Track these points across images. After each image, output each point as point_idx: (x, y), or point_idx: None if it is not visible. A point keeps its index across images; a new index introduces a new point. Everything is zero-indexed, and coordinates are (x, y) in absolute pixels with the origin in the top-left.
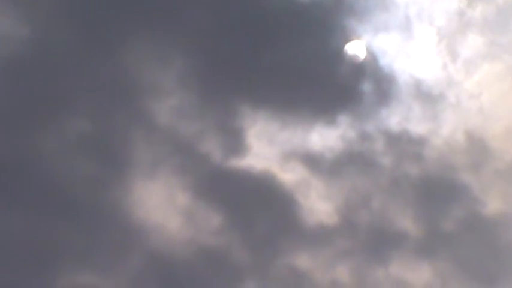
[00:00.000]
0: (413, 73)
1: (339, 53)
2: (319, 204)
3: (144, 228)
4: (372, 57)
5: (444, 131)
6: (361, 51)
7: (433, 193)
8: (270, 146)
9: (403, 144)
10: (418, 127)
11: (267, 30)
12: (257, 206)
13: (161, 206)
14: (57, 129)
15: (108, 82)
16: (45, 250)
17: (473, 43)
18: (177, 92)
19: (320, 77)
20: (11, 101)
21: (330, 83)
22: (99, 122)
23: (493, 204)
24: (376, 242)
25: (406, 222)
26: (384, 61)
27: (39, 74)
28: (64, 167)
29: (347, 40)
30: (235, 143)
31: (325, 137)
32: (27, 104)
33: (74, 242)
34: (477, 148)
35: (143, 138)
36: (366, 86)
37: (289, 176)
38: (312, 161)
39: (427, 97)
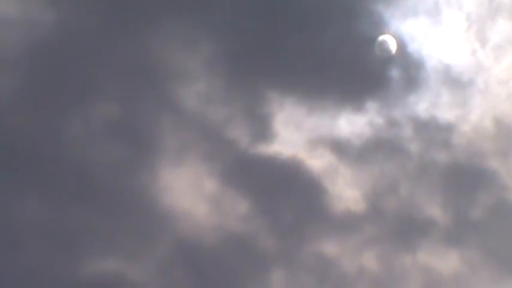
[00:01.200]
0: (441, 59)
1: (368, 39)
2: (346, 191)
3: (171, 215)
4: (401, 43)
5: (472, 117)
6: (391, 44)
7: (461, 180)
8: (298, 132)
9: (431, 130)
10: (446, 113)
11: (295, 15)
12: (284, 192)
13: (188, 192)
14: (85, 114)
15: (136, 67)
16: (71, 236)
17: (502, 28)
18: (205, 77)
19: (348, 63)
20: (39, 86)
21: (358, 68)
22: (127, 107)
23: None
24: (404, 229)
25: (434, 209)
26: (412, 47)
27: (66, 58)
28: (91, 152)
29: (376, 25)
30: (263, 129)
31: (353, 123)
32: (55, 88)
33: (101, 227)
34: (506, 134)
35: (170, 124)
36: (395, 72)
37: (317, 162)
38: (339, 147)
39: (456, 83)
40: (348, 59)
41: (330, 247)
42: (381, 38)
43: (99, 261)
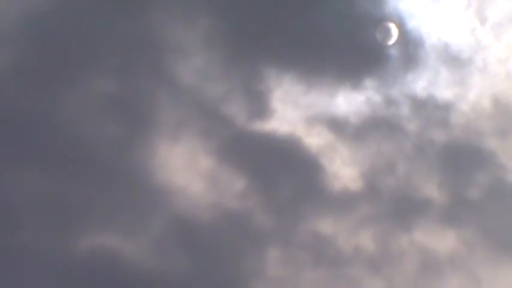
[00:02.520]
0: (441, 37)
1: (366, 16)
2: (343, 169)
3: (167, 191)
4: (399, 20)
5: (471, 96)
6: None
7: (458, 159)
8: (295, 110)
9: (429, 109)
10: (444, 92)
11: None
12: (281, 170)
13: (184, 168)
14: (81, 89)
15: (134, 42)
16: (67, 211)
17: (502, 7)
18: (202, 53)
19: (347, 41)
20: (35, 61)
21: (356, 46)
22: (123, 82)
23: None
24: (401, 209)
25: (431, 188)
26: (411, 24)
27: (64, 33)
28: (88, 127)
29: (375, 3)
30: (260, 106)
31: (351, 101)
32: (52, 63)
33: (97, 203)
34: (504, 114)
35: (167, 99)
36: (393, 50)
37: (314, 140)
38: (337, 125)
39: (455, 62)
40: (346, 37)
41: (326, 225)
42: (382, 24)
43: (95, 236)
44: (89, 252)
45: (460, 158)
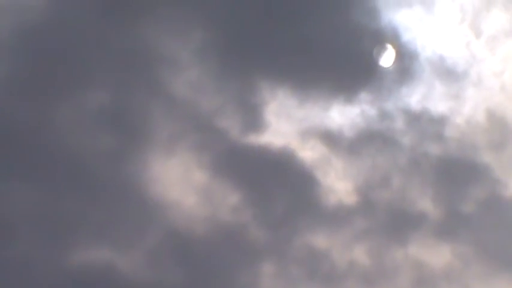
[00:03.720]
0: (435, 50)
1: (361, 29)
2: (338, 183)
3: (161, 205)
4: (394, 33)
5: (465, 109)
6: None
7: (453, 174)
8: (289, 123)
9: (424, 123)
10: (439, 106)
11: (287, 5)
12: (275, 183)
13: (178, 182)
14: (74, 102)
15: (127, 54)
16: (60, 224)
17: (497, 20)
18: (196, 66)
19: (341, 53)
20: (28, 73)
21: (350, 59)
22: (116, 95)
23: None
24: (395, 223)
25: (426, 202)
26: (405, 37)
27: (56, 45)
28: (80, 140)
29: (369, 15)
30: (254, 119)
31: (345, 114)
32: (44, 75)
33: (90, 216)
34: (499, 127)
35: (160, 112)
36: (387, 63)
37: (308, 153)
38: (331, 138)
39: (449, 75)
40: (340, 50)
41: (321, 240)
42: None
43: (88, 250)
44: (82, 267)
45: (455, 172)
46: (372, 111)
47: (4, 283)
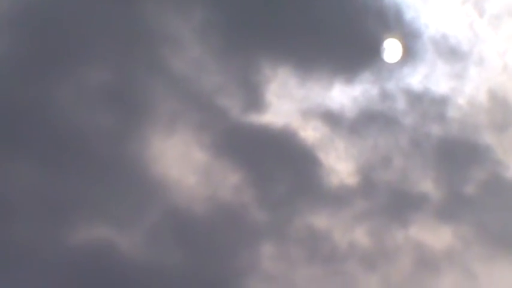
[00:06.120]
0: (438, 29)
1: (362, 9)
2: (339, 163)
3: (161, 184)
4: (396, 12)
5: (468, 89)
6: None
7: (454, 154)
8: (290, 102)
9: (426, 103)
10: (441, 86)
11: None
12: (276, 163)
13: (179, 160)
14: (76, 80)
15: (129, 32)
16: (60, 202)
17: None
18: (197, 45)
19: (342, 33)
20: (28, 51)
21: (352, 38)
22: (119, 73)
23: None
24: (396, 204)
25: (427, 184)
26: (407, 16)
27: (56, 23)
28: (81, 118)
29: None
30: (255, 99)
31: (346, 94)
32: (45, 53)
33: (90, 194)
34: (501, 108)
35: (161, 91)
36: (389, 43)
37: (309, 133)
38: (332, 118)
39: (452, 54)
40: (342, 29)
41: (322, 220)
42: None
43: (88, 228)
44: (82, 245)
45: (456, 153)
46: (373, 91)
47: (4, 262)
